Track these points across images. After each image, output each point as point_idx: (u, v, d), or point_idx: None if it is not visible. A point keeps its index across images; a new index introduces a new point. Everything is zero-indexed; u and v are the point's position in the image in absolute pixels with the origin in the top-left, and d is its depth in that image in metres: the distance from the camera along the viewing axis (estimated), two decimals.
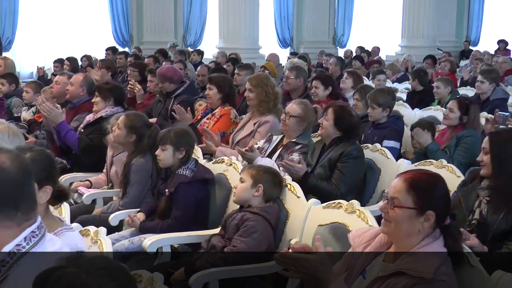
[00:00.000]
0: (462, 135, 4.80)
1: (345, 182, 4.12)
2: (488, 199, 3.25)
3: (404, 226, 2.33)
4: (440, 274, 2.24)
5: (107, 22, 15.45)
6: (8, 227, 1.86)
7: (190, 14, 16.51)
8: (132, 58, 10.64)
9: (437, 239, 2.36)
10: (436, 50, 14.67)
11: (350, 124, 4.30)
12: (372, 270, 2.42)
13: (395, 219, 2.34)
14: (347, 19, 18.89)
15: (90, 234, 2.76)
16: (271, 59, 11.13)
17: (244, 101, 6.29)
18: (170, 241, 3.73)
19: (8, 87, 7.27)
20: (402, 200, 2.33)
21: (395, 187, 2.37)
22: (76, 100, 5.74)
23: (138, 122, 4.43)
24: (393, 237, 2.42)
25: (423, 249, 2.32)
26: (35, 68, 12.96)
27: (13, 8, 13.99)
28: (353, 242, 2.54)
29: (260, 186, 3.53)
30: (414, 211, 2.32)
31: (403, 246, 2.36)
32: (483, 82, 6.92)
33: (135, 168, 4.30)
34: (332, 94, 6.18)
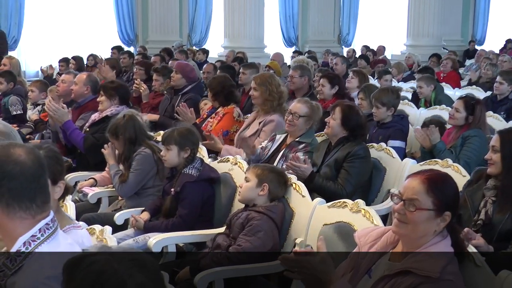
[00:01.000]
0: (468, 135, 4.78)
1: (351, 182, 4.11)
2: (494, 199, 3.24)
3: (422, 227, 2.31)
4: (447, 273, 2.23)
5: (113, 21, 15.47)
6: (24, 219, 1.89)
7: (195, 13, 16.51)
8: (140, 56, 10.66)
9: (444, 238, 2.35)
10: (441, 49, 14.63)
11: (357, 124, 4.29)
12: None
13: (414, 221, 2.31)
14: (352, 18, 18.85)
15: (96, 233, 2.76)
16: (276, 58, 11.13)
17: (249, 100, 6.30)
18: (175, 240, 3.73)
19: (6, 85, 7.27)
20: (422, 201, 2.31)
21: (413, 189, 2.33)
22: (81, 99, 5.75)
23: None
24: (406, 238, 2.38)
25: (430, 248, 2.31)
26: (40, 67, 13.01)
27: (19, 8, 14.01)
28: (359, 241, 2.53)
29: (265, 185, 3.53)
30: (433, 212, 2.30)
31: (413, 246, 2.35)
32: (502, 83, 6.95)
33: (138, 158, 4.35)
34: (338, 94, 6.17)
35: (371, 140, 5.02)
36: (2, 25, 13.43)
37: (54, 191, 2.44)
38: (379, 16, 18.86)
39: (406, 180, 2.43)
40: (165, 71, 7.27)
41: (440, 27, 15.64)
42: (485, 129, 4.98)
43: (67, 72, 6.42)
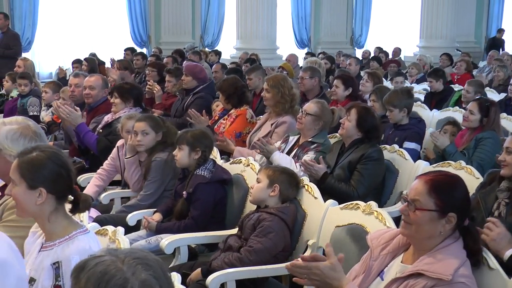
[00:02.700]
0: (481, 136, 4.76)
1: (364, 184, 4.10)
2: (507, 200, 3.22)
3: (426, 228, 2.32)
4: (459, 276, 2.22)
5: (125, 23, 15.53)
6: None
7: (208, 14, 16.54)
8: (153, 58, 10.68)
9: (457, 240, 2.34)
10: (454, 51, 14.56)
11: (373, 126, 4.28)
12: (390, 271, 2.41)
13: (416, 221, 2.32)
14: (364, 20, 18.79)
15: (108, 233, 2.77)
16: (291, 59, 11.14)
17: (261, 102, 6.30)
18: (187, 241, 3.74)
19: (29, 86, 7.35)
20: (424, 202, 2.32)
21: (416, 189, 2.35)
22: (94, 102, 5.76)
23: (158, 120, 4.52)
24: (413, 239, 2.40)
25: (442, 250, 2.30)
26: (54, 68, 13.08)
27: (33, 9, 14.12)
28: (371, 244, 2.53)
29: (276, 186, 3.53)
30: (435, 213, 2.31)
31: (423, 248, 2.35)
32: None
33: (155, 164, 4.33)
34: (351, 95, 6.16)
35: (387, 141, 5.01)
36: (16, 26, 13.54)
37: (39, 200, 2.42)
38: (392, 18, 18.78)
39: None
40: (177, 72, 7.28)
41: (453, 29, 15.55)
42: (499, 131, 4.95)
43: (75, 74, 6.38)
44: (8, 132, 2.96)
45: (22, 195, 2.42)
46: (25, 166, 2.42)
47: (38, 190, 2.41)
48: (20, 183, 2.41)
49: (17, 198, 2.44)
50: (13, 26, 13.13)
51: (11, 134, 2.95)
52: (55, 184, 2.45)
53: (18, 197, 2.43)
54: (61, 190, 2.47)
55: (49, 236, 2.46)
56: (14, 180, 2.43)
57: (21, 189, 2.42)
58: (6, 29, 10.44)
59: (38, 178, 2.41)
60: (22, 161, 2.43)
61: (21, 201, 2.44)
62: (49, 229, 2.46)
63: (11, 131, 2.96)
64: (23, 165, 2.42)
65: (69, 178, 2.50)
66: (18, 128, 2.99)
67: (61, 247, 2.40)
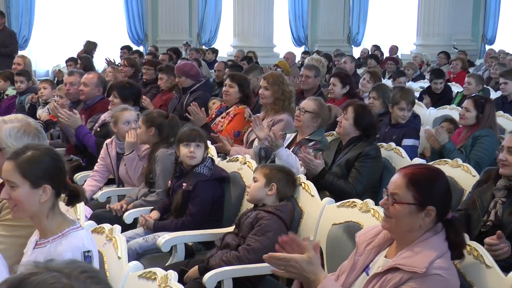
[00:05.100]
0: (478, 134, 4.77)
1: (361, 182, 4.10)
2: (504, 199, 3.22)
3: (405, 221, 2.33)
4: (435, 268, 2.23)
5: (122, 21, 15.51)
6: None
7: (205, 12, 16.53)
8: (149, 56, 10.67)
9: (438, 233, 2.34)
10: (451, 49, 14.58)
11: (370, 124, 4.29)
12: (375, 266, 2.41)
13: (395, 215, 2.34)
14: (361, 18, 18.80)
15: (105, 231, 2.77)
16: (289, 57, 11.14)
17: (258, 101, 6.29)
18: (185, 239, 3.74)
19: (26, 84, 7.34)
20: (402, 195, 2.33)
21: (395, 183, 2.37)
22: (90, 101, 5.76)
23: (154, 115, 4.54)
24: (394, 233, 2.42)
25: (422, 243, 2.31)
26: (51, 66, 13.07)
27: (29, 7, 14.09)
28: (358, 239, 2.55)
29: (273, 185, 3.53)
30: (414, 207, 2.32)
31: (404, 241, 2.36)
32: (506, 83, 6.91)
33: (159, 159, 4.32)
34: (348, 93, 6.16)
35: (384, 139, 5.02)
36: (13, 24, 13.51)
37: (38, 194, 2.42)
38: (389, 16, 18.80)
39: None
40: (168, 69, 7.38)
41: (450, 27, 15.58)
42: (495, 128, 4.96)
43: (70, 72, 6.38)
44: (12, 130, 2.95)
45: (26, 195, 2.40)
46: (26, 165, 2.40)
47: (42, 188, 2.41)
48: (22, 183, 2.39)
49: (20, 200, 2.40)
50: (9, 24, 13.10)
51: (15, 132, 2.95)
52: (57, 179, 2.46)
53: (21, 198, 2.40)
54: (60, 184, 2.49)
55: (44, 234, 2.47)
56: (15, 182, 2.39)
57: (24, 190, 2.39)
58: (3, 27, 10.41)
59: (41, 175, 2.41)
60: (20, 162, 2.40)
61: (24, 202, 2.41)
62: (45, 226, 2.46)
63: (14, 129, 2.96)
64: (23, 165, 2.40)
65: (65, 172, 2.51)
66: (21, 126, 2.99)
67: (55, 244, 2.41)
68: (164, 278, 2.31)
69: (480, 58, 15.91)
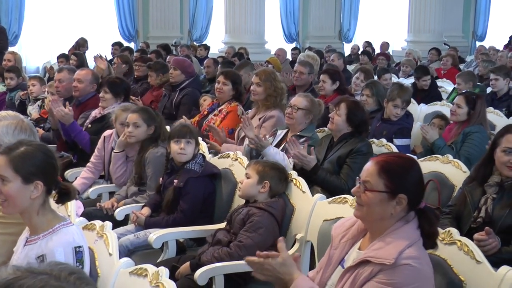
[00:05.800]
0: (469, 131, 4.78)
1: (353, 177, 4.09)
2: (495, 196, 3.24)
3: (376, 210, 2.32)
4: (404, 258, 2.21)
5: (113, 17, 15.45)
6: None
7: (196, 9, 16.49)
8: (138, 54, 10.63)
9: (409, 222, 2.34)
10: (442, 45, 14.61)
11: (362, 120, 4.30)
12: (350, 259, 2.41)
13: (367, 202, 2.33)
14: (353, 14, 18.80)
15: (96, 228, 2.76)
16: (281, 54, 11.13)
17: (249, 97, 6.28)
18: (176, 236, 3.74)
19: (16, 80, 7.31)
20: (374, 183, 2.33)
21: (367, 171, 2.37)
22: (82, 97, 5.73)
23: (152, 113, 4.51)
24: (366, 221, 2.41)
25: (393, 233, 2.30)
26: (41, 63, 12.99)
27: (19, 3, 14.01)
28: (333, 232, 2.54)
29: (266, 182, 3.52)
30: (385, 195, 2.31)
31: (376, 231, 2.36)
32: (497, 79, 6.94)
33: (150, 161, 4.30)
34: (339, 89, 6.17)
35: (374, 134, 5.03)
36: (2, 20, 13.44)
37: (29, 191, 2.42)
38: (380, 12, 18.82)
39: None
40: (157, 66, 7.37)
41: (441, 23, 15.62)
42: (486, 125, 4.98)
43: (59, 69, 6.35)
44: (9, 128, 2.95)
45: (17, 190, 2.40)
46: (18, 160, 2.40)
47: (33, 184, 2.41)
48: (14, 178, 2.39)
49: (11, 195, 2.41)
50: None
51: (12, 129, 2.94)
52: (49, 176, 2.46)
53: (12, 193, 2.40)
54: (52, 181, 2.48)
55: (34, 230, 2.46)
56: (7, 177, 2.40)
57: (16, 185, 2.40)
58: None
59: (33, 171, 2.41)
60: (13, 157, 2.40)
61: (15, 197, 2.41)
62: (36, 223, 2.45)
63: (10, 126, 2.96)
64: (16, 160, 2.40)
65: (58, 169, 2.50)
66: (16, 123, 2.99)
67: (45, 240, 2.41)
68: (155, 275, 2.31)
69: (470, 54, 15.94)
